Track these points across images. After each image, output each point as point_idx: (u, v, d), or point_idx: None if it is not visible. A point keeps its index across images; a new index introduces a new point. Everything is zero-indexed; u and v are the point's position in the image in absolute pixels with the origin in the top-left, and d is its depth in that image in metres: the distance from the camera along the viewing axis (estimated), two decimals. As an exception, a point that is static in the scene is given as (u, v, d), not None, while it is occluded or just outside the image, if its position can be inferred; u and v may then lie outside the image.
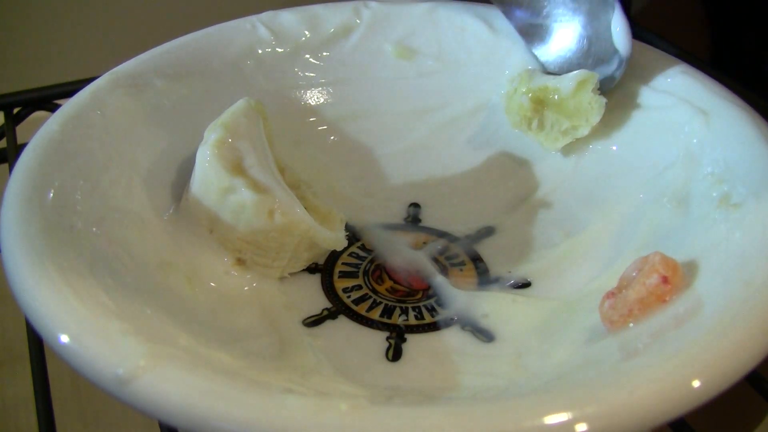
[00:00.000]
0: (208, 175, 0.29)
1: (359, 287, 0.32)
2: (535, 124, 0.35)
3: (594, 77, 0.33)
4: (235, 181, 0.28)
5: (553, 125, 0.34)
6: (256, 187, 0.29)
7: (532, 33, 0.36)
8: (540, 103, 0.34)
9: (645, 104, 0.33)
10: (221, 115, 0.30)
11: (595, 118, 0.33)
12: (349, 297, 0.31)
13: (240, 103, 0.31)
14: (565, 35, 0.35)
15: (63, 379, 0.33)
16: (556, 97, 0.34)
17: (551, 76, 0.35)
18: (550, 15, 0.35)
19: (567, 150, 0.35)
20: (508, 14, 0.37)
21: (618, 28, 0.33)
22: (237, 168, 0.29)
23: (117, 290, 0.24)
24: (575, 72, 0.34)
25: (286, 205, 0.29)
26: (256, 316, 0.29)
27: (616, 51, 0.33)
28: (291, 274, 0.31)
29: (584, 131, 0.33)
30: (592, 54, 0.34)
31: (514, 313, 0.30)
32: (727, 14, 0.57)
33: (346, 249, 0.33)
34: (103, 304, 0.22)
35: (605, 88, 0.33)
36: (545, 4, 0.36)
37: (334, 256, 0.33)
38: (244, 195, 0.28)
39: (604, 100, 0.33)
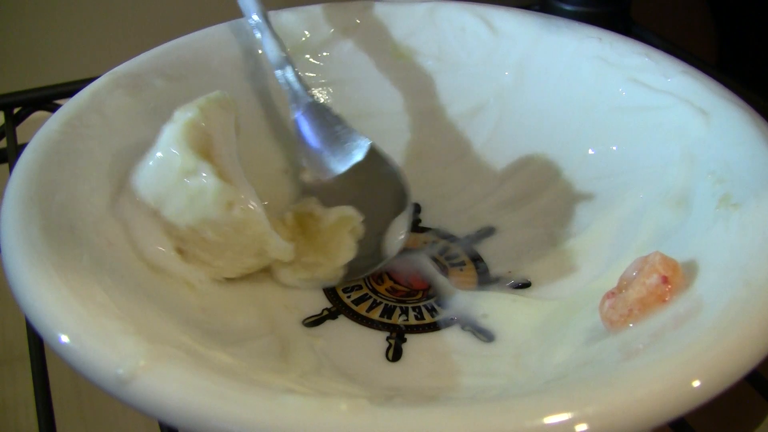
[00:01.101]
0: (172, 153, 0.27)
1: (359, 287, 0.32)
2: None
3: (356, 220, 0.31)
4: (201, 165, 0.27)
5: (300, 255, 0.31)
6: (222, 175, 0.27)
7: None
8: (301, 226, 0.32)
9: (645, 104, 0.33)
10: (196, 99, 0.29)
11: (340, 262, 0.31)
12: (349, 297, 0.31)
13: (216, 93, 0.30)
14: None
15: (63, 379, 0.32)
16: (314, 225, 0.32)
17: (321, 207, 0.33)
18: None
19: (568, 151, 0.35)
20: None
21: (400, 227, 0.32)
22: (205, 153, 0.28)
23: (117, 290, 0.24)
24: (343, 207, 0.32)
25: (247, 200, 0.28)
26: (256, 316, 0.29)
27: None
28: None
29: (325, 272, 0.31)
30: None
31: (514, 313, 0.30)
32: (733, 17, 0.57)
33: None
34: (103, 304, 0.22)
35: (359, 270, 0.32)
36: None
37: (333, 256, 0.33)
38: (208, 180, 0.27)
39: (353, 246, 0.31)
